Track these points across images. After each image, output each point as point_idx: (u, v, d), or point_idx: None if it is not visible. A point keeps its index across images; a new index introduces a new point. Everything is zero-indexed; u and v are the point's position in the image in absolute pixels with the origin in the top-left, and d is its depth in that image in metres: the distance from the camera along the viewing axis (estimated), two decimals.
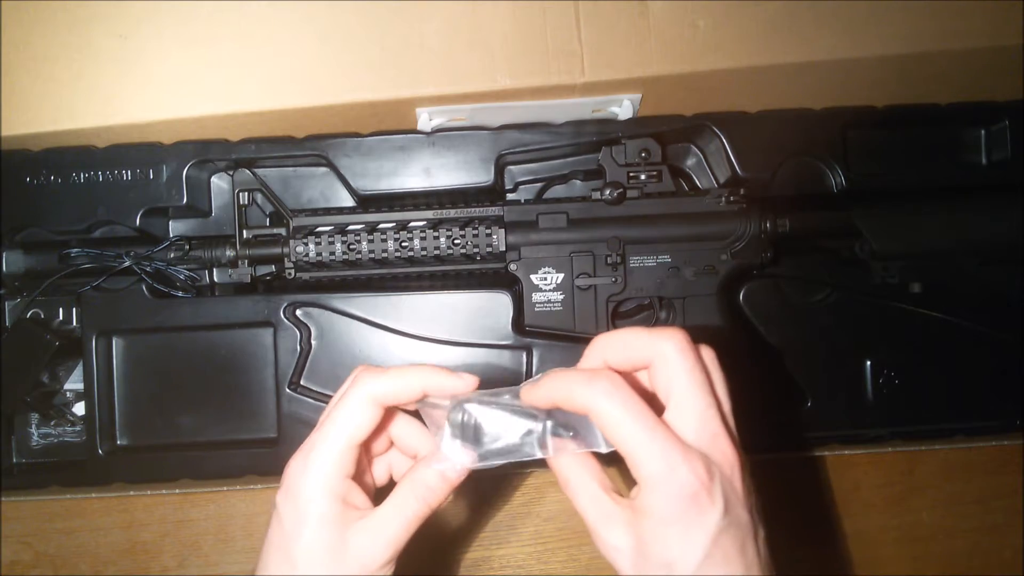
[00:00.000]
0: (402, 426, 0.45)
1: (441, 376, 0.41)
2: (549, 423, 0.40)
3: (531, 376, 0.63)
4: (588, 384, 0.37)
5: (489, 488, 0.72)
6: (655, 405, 0.38)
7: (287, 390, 0.63)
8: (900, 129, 0.68)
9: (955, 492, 0.73)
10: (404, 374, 0.41)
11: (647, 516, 0.36)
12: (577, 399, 0.37)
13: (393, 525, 0.41)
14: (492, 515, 0.72)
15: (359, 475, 0.43)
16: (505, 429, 0.40)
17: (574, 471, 0.40)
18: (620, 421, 0.36)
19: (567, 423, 0.40)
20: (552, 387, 0.38)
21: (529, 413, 0.40)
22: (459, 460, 0.40)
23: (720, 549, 0.35)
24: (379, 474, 0.46)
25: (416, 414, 0.44)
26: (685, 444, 0.36)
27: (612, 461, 0.40)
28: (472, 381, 0.41)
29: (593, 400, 0.37)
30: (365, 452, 0.44)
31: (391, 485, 0.43)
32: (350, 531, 0.40)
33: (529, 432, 0.40)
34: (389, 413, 0.44)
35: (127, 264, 0.63)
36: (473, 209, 0.63)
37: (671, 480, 0.35)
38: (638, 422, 0.36)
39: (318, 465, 0.41)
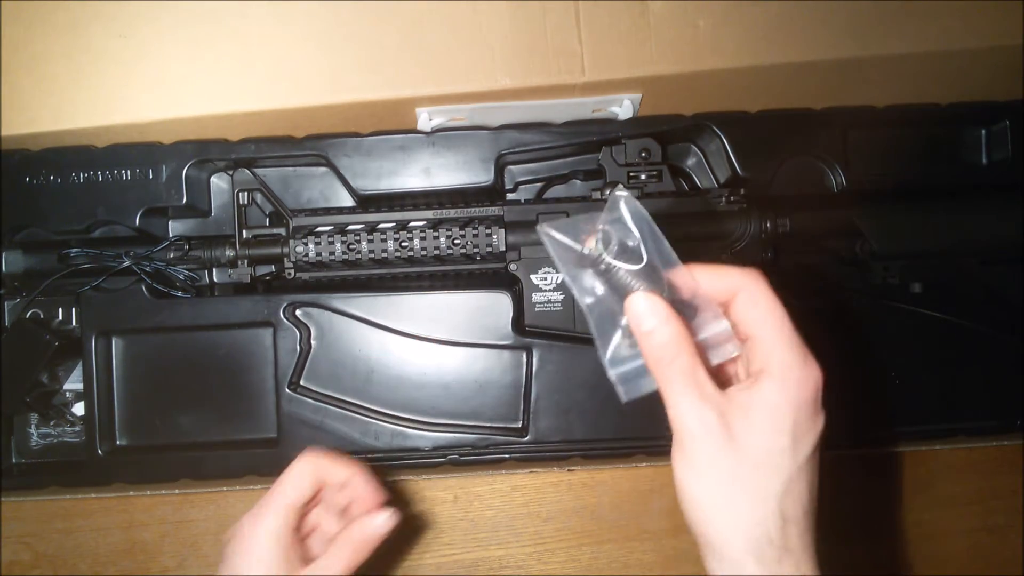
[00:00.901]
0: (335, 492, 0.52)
1: (366, 481, 0.49)
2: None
3: (531, 377, 0.63)
4: (741, 268, 0.37)
5: (489, 488, 0.72)
6: None
7: (287, 390, 0.63)
8: (900, 129, 0.68)
9: (955, 492, 0.73)
10: (341, 465, 0.50)
11: (757, 407, 0.35)
12: (731, 275, 0.37)
13: (333, 570, 0.47)
14: (492, 515, 0.72)
15: (301, 534, 0.50)
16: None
17: (673, 335, 0.36)
18: (770, 303, 0.36)
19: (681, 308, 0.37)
20: (702, 266, 0.38)
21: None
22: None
23: (813, 462, 0.35)
24: (315, 543, 0.52)
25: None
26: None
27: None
28: (392, 517, 0.49)
29: (748, 278, 0.37)
30: (304, 517, 0.50)
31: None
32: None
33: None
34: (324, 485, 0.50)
35: (127, 264, 0.63)
36: (473, 209, 0.63)
37: (803, 375, 0.35)
38: (783, 311, 0.36)
39: (270, 519, 0.47)
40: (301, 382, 0.64)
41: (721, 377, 0.38)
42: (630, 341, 0.37)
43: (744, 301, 0.37)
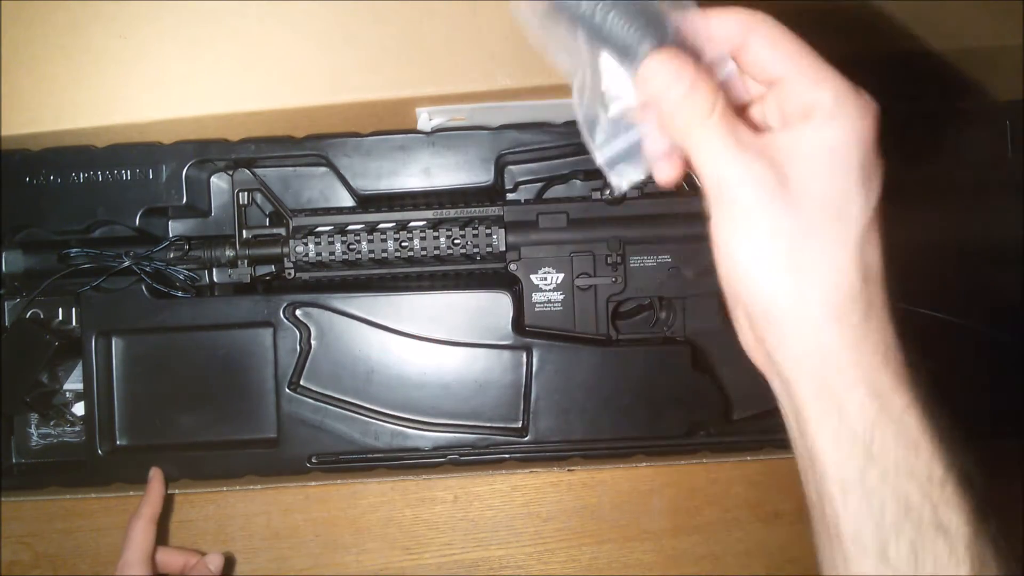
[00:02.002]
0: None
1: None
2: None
3: (531, 377, 0.63)
4: (745, 10, 0.31)
5: (489, 488, 0.72)
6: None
7: (287, 390, 0.63)
8: (899, 129, 0.68)
9: None
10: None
11: (814, 148, 0.30)
12: (733, 18, 0.31)
13: None
14: (492, 515, 0.72)
15: None
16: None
17: (696, 87, 0.30)
18: (793, 39, 0.31)
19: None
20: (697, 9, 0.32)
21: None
22: None
23: (881, 212, 0.31)
24: None
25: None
26: None
27: None
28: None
29: (756, 19, 0.31)
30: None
31: None
32: None
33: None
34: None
35: (127, 264, 0.63)
36: (473, 209, 0.63)
37: (862, 104, 0.30)
38: (810, 47, 0.30)
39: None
40: (301, 382, 0.64)
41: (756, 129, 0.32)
42: (619, 113, 0.33)
43: (759, 44, 0.31)
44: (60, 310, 0.65)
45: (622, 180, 0.35)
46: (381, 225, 0.63)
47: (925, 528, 0.29)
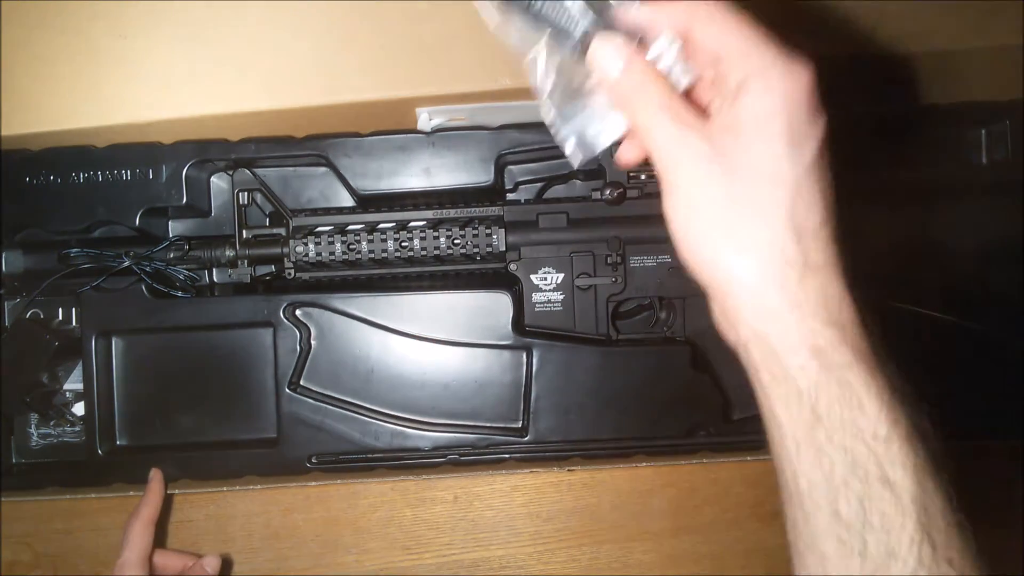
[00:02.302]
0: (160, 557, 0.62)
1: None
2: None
3: (531, 377, 0.63)
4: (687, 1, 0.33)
5: (489, 488, 0.72)
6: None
7: (287, 390, 0.63)
8: (900, 129, 0.68)
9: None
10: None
11: (744, 119, 0.31)
12: (676, 8, 0.33)
13: None
14: (492, 515, 0.72)
15: None
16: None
17: (637, 71, 0.33)
18: (730, 15, 0.32)
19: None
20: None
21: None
22: None
23: (820, 168, 0.31)
24: None
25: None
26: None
27: None
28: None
29: (697, 6, 0.32)
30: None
31: None
32: None
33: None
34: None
35: (127, 264, 0.63)
36: (473, 209, 0.63)
37: (787, 70, 0.31)
38: (748, 20, 0.32)
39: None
40: (301, 382, 0.64)
41: (702, 112, 0.34)
42: (571, 91, 0.35)
43: (701, 25, 0.32)
44: (60, 310, 0.65)
45: (585, 153, 0.36)
46: (381, 225, 0.63)
47: (872, 483, 0.30)
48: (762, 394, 0.34)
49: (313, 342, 0.64)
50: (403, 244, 0.62)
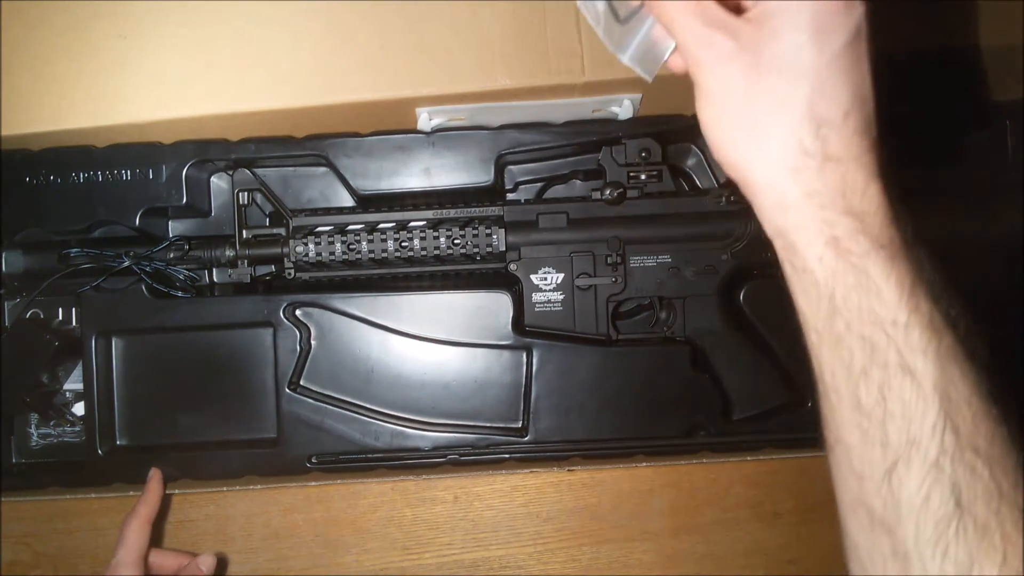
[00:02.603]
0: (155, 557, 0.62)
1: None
2: None
3: (531, 377, 0.63)
4: None
5: (489, 488, 0.72)
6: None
7: (287, 390, 0.63)
8: (900, 129, 0.68)
9: None
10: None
11: (771, 12, 0.31)
12: None
13: None
14: (492, 515, 0.72)
15: None
16: None
17: None
18: None
19: None
20: None
21: None
22: None
23: (850, 56, 0.31)
24: None
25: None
26: None
27: None
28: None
29: None
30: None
31: None
32: None
33: None
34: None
35: (127, 264, 0.63)
36: (473, 209, 0.63)
37: None
38: None
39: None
40: (301, 382, 0.64)
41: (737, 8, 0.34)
42: (626, 17, 0.37)
43: None
44: (60, 310, 0.65)
45: (651, 68, 0.37)
46: (381, 225, 0.63)
47: (892, 371, 0.30)
48: (790, 288, 0.33)
49: (313, 342, 0.64)
50: (403, 244, 0.62)
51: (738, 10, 0.33)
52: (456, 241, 0.62)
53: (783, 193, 0.32)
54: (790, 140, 0.31)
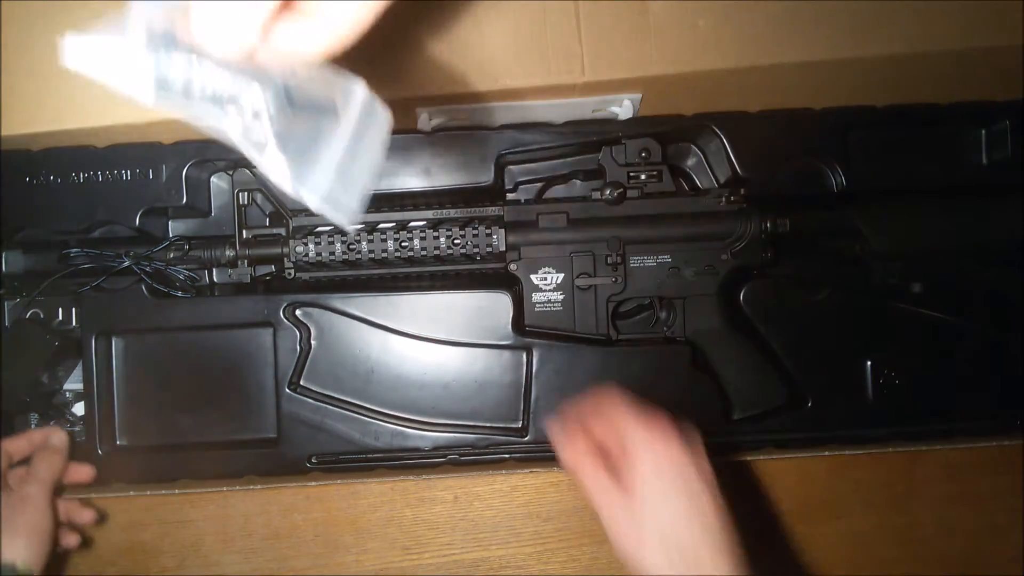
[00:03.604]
0: None
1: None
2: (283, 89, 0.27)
3: (531, 377, 0.63)
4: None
5: (489, 488, 0.72)
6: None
7: (287, 390, 0.63)
8: (900, 129, 0.68)
9: (955, 492, 0.73)
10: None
11: (636, 482, 0.45)
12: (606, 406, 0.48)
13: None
14: (492, 515, 0.72)
15: None
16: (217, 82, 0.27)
17: (578, 453, 0.48)
18: (613, 405, 0.48)
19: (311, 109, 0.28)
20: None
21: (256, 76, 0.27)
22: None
23: (699, 506, 0.45)
24: None
25: None
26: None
27: None
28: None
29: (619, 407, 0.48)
30: None
31: None
32: None
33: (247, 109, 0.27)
34: None
35: (127, 264, 0.63)
36: (473, 209, 0.63)
37: (663, 445, 0.45)
38: (629, 405, 0.48)
39: None
40: (301, 382, 0.64)
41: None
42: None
43: (601, 418, 0.49)
44: (60, 310, 0.65)
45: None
46: (381, 225, 0.63)
47: None
48: None
49: (313, 342, 0.64)
50: (403, 244, 0.62)
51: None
52: (456, 241, 0.62)
53: None
54: (659, 559, 0.44)
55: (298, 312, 0.64)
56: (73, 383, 0.68)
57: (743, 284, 0.66)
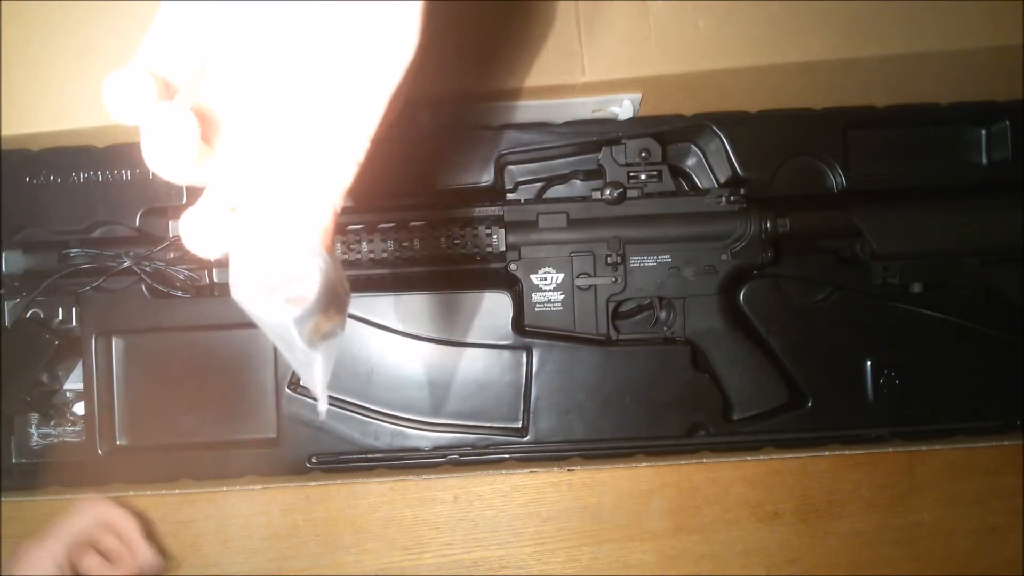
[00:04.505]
0: None
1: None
2: None
3: (531, 377, 0.63)
4: None
5: (489, 488, 0.72)
6: None
7: (287, 390, 0.63)
8: (900, 129, 0.68)
9: (955, 492, 0.73)
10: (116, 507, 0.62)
11: None
12: None
13: None
14: (492, 515, 0.72)
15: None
16: None
17: None
18: None
19: None
20: None
21: None
22: None
23: None
24: None
25: None
26: None
27: None
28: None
29: None
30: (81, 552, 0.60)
31: None
32: None
33: None
34: None
35: (127, 264, 0.63)
36: (473, 209, 0.63)
37: None
38: None
39: (52, 544, 0.59)
40: (301, 382, 0.64)
41: None
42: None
43: None
44: (60, 310, 0.65)
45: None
46: (381, 225, 0.63)
47: None
48: None
49: None
50: (403, 244, 0.62)
51: None
52: (456, 241, 0.62)
53: None
54: None
55: None
56: (73, 383, 0.68)
57: (743, 284, 0.66)
